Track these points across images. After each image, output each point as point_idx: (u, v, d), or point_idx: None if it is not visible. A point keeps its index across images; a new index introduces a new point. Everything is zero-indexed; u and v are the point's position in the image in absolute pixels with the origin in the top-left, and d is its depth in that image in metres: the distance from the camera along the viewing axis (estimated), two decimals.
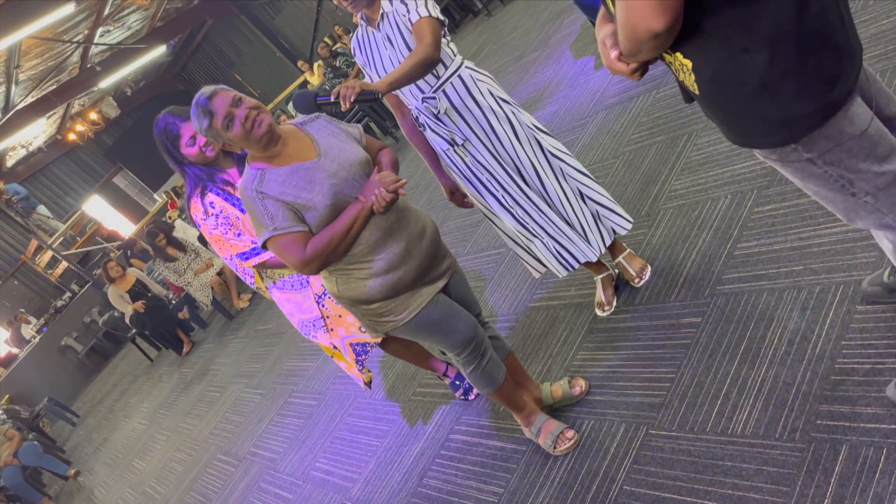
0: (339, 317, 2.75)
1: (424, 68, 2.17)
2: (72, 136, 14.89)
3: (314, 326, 2.79)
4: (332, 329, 2.78)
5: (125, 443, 6.88)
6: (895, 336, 1.83)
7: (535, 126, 2.48)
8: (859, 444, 1.68)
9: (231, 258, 2.66)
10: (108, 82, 12.43)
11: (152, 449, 6.03)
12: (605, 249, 2.60)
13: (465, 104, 2.37)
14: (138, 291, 7.76)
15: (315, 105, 2.05)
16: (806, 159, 1.32)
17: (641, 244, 2.90)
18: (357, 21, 2.44)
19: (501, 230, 2.65)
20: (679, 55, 1.28)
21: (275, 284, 2.78)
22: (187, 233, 8.15)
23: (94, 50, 11.61)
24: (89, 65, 11.74)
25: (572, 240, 2.53)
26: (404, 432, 3.19)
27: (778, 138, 1.30)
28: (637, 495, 2.03)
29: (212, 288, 7.41)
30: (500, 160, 2.43)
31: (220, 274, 7.44)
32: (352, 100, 1.96)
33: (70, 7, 7.87)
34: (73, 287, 12.13)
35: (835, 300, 2.03)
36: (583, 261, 2.57)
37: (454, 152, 2.45)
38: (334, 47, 10.54)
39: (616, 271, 2.82)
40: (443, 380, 3.11)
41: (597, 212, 2.56)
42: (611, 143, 3.76)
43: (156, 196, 16.70)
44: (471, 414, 2.91)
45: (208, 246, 7.75)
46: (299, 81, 12.00)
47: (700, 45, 1.24)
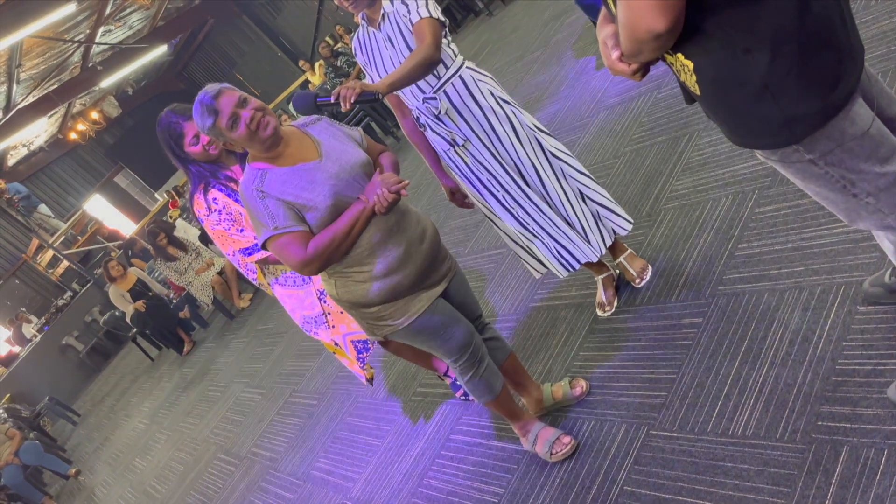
0: (341, 313, 2.75)
1: (425, 69, 2.17)
2: (73, 135, 14.90)
3: (315, 323, 2.80)
4: (334, 325, 2.79)
5: (126, 442, 6.88)
6: None
7: (535, 126, 2.48)
8: (860, 445, 1.68)
9: (234, 254, 2.67)
10: (109, 82, 12.44)
11: (153, 448, 6.04)
12: (606, 250, 2.60)
13: (466, 104, 2.37)
14: (139, 291, 7.76)
15: (315, 106, 2.04)
16: (807, 160, 1.32)
17: (642, 244, 2.90)
18: (358, 21, 2.44)
19: (502, 230, 2.65)
20: (680, 56, 1.28)
21: (277, 280, 2.78)
22: (188, 232, 8.16)
23: (95, 49, 11.61)
24: (90, 64, 11.74)
25: (573, 240, 2.53)
26: (405, 432, 3.19)
27: (779, 139, 1.30)
28: (638, 496, 2.03)
29: (213, 287, 7.41)
30: (500, 160, 2.43)
31: (220, 273, 7.44)
32: (352, 100, 1.95)
33: (71, 6, 7.88)
34: (74, 286, 12.13)
35: (836, 301, 2.03)
36: (583, 261, 2.57)
37: (455, 153, 2.45)
38: (335, 47, 10.54)
39: (617, 272, 2.82)
40: (443, 380, 3.11)
41: (597, 212, 2.56)
42: (612, 143, 3.76)
43: (157, 195, 16.70)
44: (471, 414, 2.91)
45: (209, 245, 7.76)
46: (300, 81, 12.00)
47: (701, 45, 1.23)
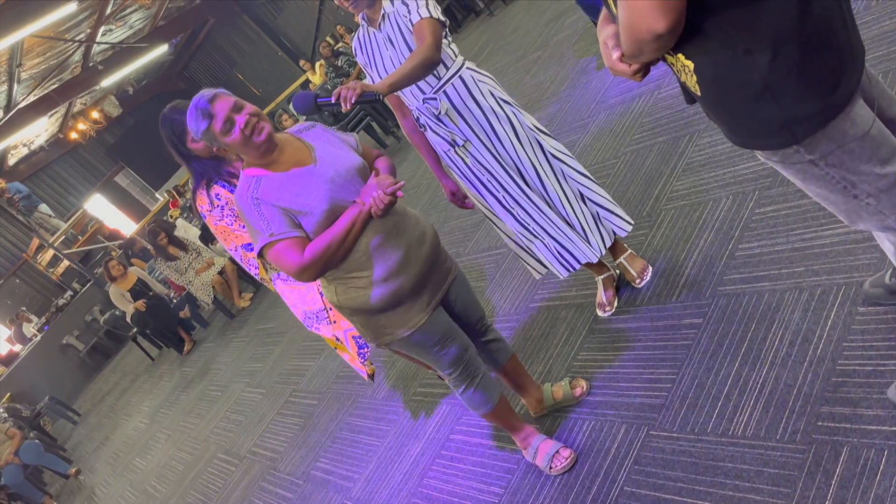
0: None
1: (425, 69, 2.17)
2: (73, 134, 14.90)
3: (317, 318, 2.80)
4: (335, 321, 2.79)
5: (126, 441, 6.88)
6: None
7: (536, 127, 2.47)
8: (860, 445, 1.68)
9: (236, 249, 2.67)
10: (109, 81, 12.44)
11: (153, 448, 6.04)
12: (606, 251, 2.60)
13: (466, 105, 2.37)
14: (139, 290, 7.76)
15: (315, 106, 2.01)
16: (808, 161, 1.32)
17: (643, 245, 2.90)
18: (358, 21, 2.44)
19: (502, 231, 2.65)
20: (681, 56, 1.28)
21: (279, 275, 2.79)
22: (188, 232, 8.16)
23: (96, 49, 11.62)
24: (91, 63, 11.74)
25: (573, 241, 2.53)
26: (405, 432, 3.19)
27: (780, 140, 1.30)
28: (637, 496, 2.03)
29: (213, 287, 7.41)
30: (500, 161, 2.43)
31: (221, 273, 7.44)
32: (352, 101, 1.94)
33: (72, 6, 7.88)
34: (75, 286, 12.13)
35: (836, 302, 2.03)
36: (583, 262, 2.57)
37: (455, 153, 2.44)
38: (336, 47, 10.55)
39: (617, 272, 2.82)
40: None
41: (597, 213, 2.55)
42: (612, 143, 3.76)
43: (157, 195, 16.71)
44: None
45: (209, 245, 7.76)
46: (301, 81, 12.00)
47: (702, 46, 1.23)
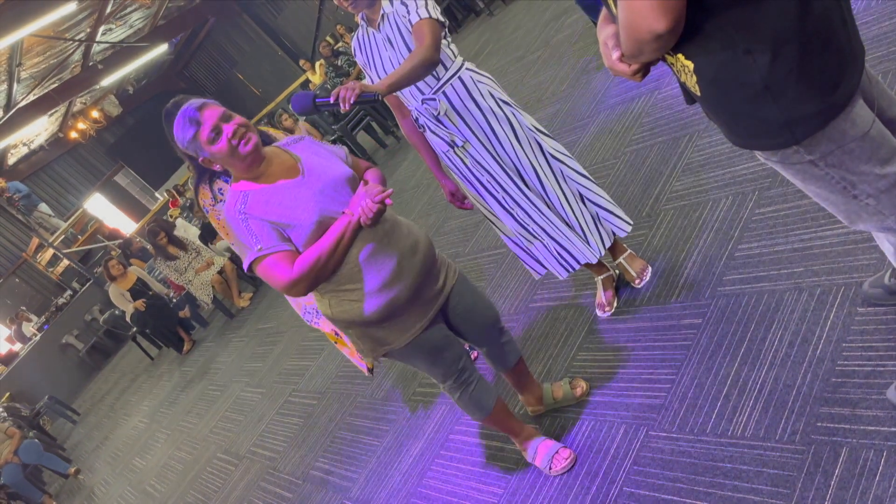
0: None
1: (424, 70, 2.16)
2: (73, 134, 14.90)
3: (317, 313, 2.79)
4: None
5: (125, 441, 6.88)
6: None
7: (535, 128, 2.47)
8: (859, 446, 1.68)
9: None
10: (109, 80, 12.44)
11: (152, 447, 6.04)
12: (605, 251, 2.60)
13: (466, 106, 2.37)
14: (139, 290, 7.76)
15: (314, 106, 1.98)
16: (807, 161, 1.32)
17: (642, 245, 2.90)
18: (358, 21, 2.44)
19: (501, 231, 2.65)
20: (681, 56, 1.28)
21: None
22: (188, 231, 8.16)
23: (95, 48, 11.61)
24: (91, 63, 11.74)
25: (572, 241, 2.52)
26: (404, 432, 3.19)
27: (780, 140, 1.30)
28: (637, 496, 2.02)
29: (213, 286, 7.41)
30: (500, 162, 2.43)
31: (220, 273, 7.44)
32: (351, 101, 1.91)
33: (72, 5, 7.88)
34: (75, 285, 12.13)
35: (836, 302, 2.03)
36: (583, 262, 2.57)
37: (454, 154, 2.44)
38: (336, 46, 10.55)
39: (617, 272, 2.82)
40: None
41: (597, 214, 2.55)
42: (612, 143, 3.76)
43: (157, 194, 16.71)
44: None
45: (209, 244, 7.76)
46: (301, 80, 12.00)
47: (702, 46, 1.23)
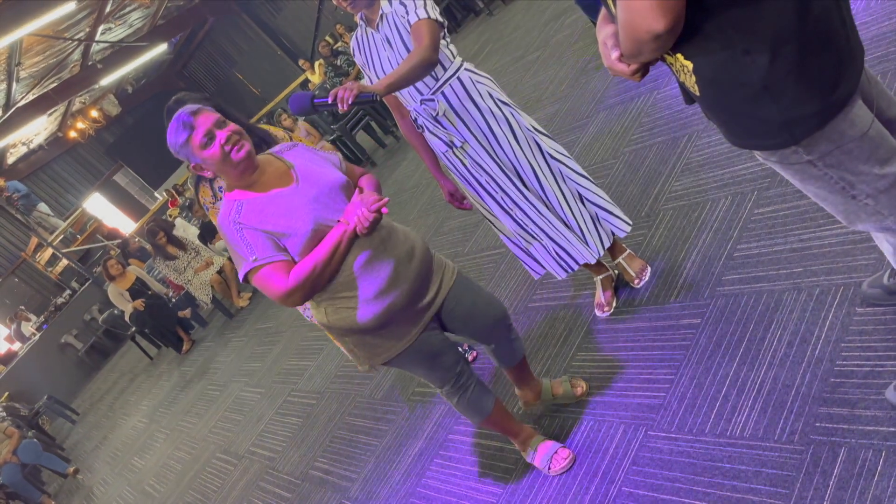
0: None
1: (422, 70, 2.15)
2: (73, 133, 14.90)
3: None
4: None
5: (124, 441, 6.88)
6: (895, 338, 1.83)
7: (534, 128, 2.47)
8: (858, 446, 1.68)
9: None
10: (109, 80, 12.43)
11: (151, 447, 6.03)
12: (604, 251, 2.60)
13: (464, 106, 2.37)
14: (138, 290, 7.76)
15: (312, 106, 1.97)
16: (806, 161, 1.32)
17: (641, 245, 2.90)
18: (357, 21, 2.44)
19: (500, 231, 2.65)
20: (680, 56, 1.28)
21: None
22: (187, 231, 8.16)
23: (95, 48, 11.61)
24: (90, 62, 11.74)
25: (571, 242, 2.52)
26: (403, 431, 3.19)
27: (778, 140, 1.30)
28: (635, 496, 2.03)
29: (212, 286, 7.41)
30: (498, 162, 2.43)
31: (220, 272, 7.44)
32: (349, 102, 1.90)
33: (71, 5, 7.88)
34: (74, 285, 12.13)
35: (834, 302, 2.03)
36: (581, 262, 2.57)
37: (453, 154, 2.44)
38: (335, 46, 10.55)
39: (616, 272, 2.82)
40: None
41: (596, 214, 2.55)
42: (611, 143, 3.76)
43: (156, 194, 16.71)
44: None
45: (208, 244, 7.76)
46: (300, 80, 12.00)
47: (701, 46, 1.23)
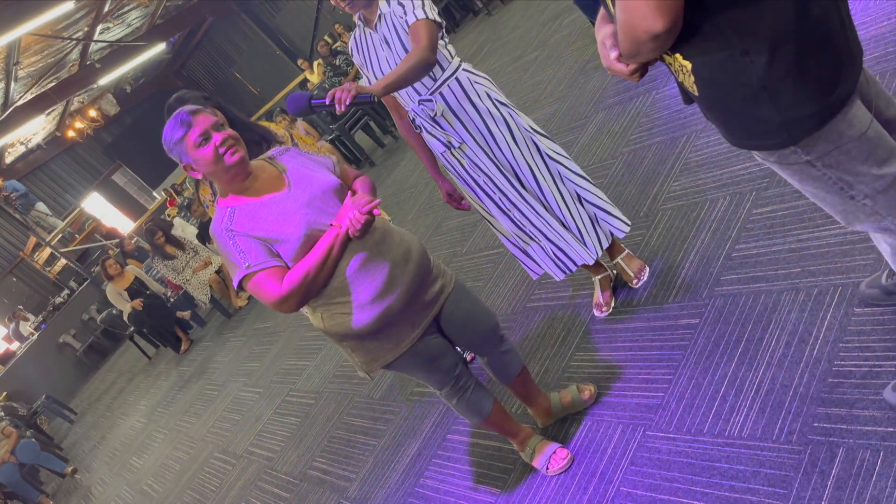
0: None
1: (420, 71, 2.15)
2: (71, 133, 14.88)
3: None
4: None
5: (123, 440, 6.87)
6: (893, 339, 1.83)
7: (532, 129, 2.47)
8: (856, 446, 1.68)
9: None
10: (107, 79, 12.42)
11: (150, 447, 6.03)
12: (603, 252, 2.60)
13: (463, 107, 2.36)
14: (137, 289, 7.76)
15: (310, 107, 1.96)
16: (805, 161, 1.32)
17: (640, 245, 2.90)
18: (356, 21, 2.43)
19: (499, 231, 2.65)
20: (679, 56, 1.28)
21: None
22: (186, 231, 8.16)
23: (93, 47, 11.60)
24: (89, 62, 11.72)
25: (569, 243, 2.52)
26: (402, 432, 3.19)
27: (777, 140, 1.30)
28: (634, 496, 2.03)
29: (210, 286, 7.41)
30: (496, 163, 2.42)
31: (218, 272, 7.43)
32: (347, 103, 1.89)
33: (70, 4, 7.87)
34: (72, 284, 12.13)
35: (832, 302, 2.03)
36: (580, 263, 2.57)
37: (451, 154, 2.44)
38: (334, 46, 10.53)
39: (614, 272, 2.82)
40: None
41: (594, 215, 2.55)
42: (610, 143, 3.76)
43: (155, 193, 16.70)
44: None
45: (207, 244, 7.75)
46: (299, 80, 11.99)
47: (700, 46, 1.23)
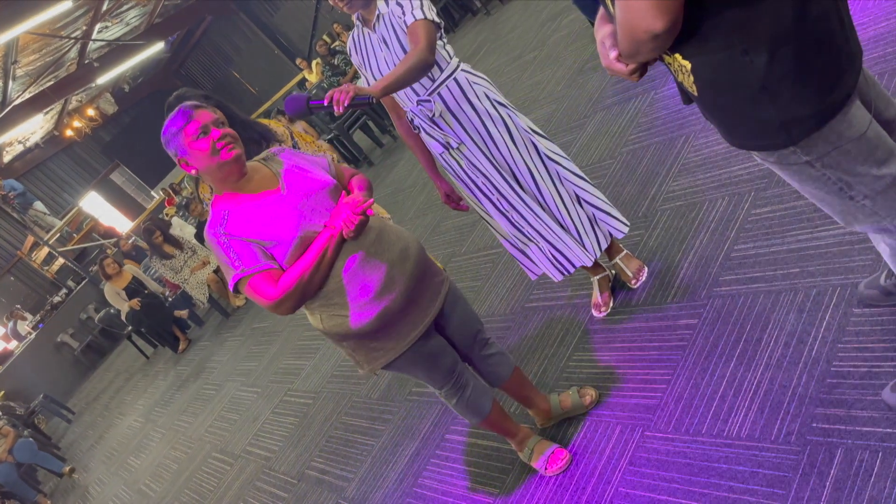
0: None
1: (419, 72, 2.14)
2: (69, 132, 14.86)
3: None
4: None
5: (120, 440, 6.86)
6: (891, 339, 1.83)
7: (531, 129, 2.46)
8: (855, 447, 1.68)
9: None
10: (105, 78, 12.40)
11: (147, 446, 6.02)
12: (602, 253, 2.59)
13: (461, 107, 2.36)
14: (134, 288, 7.75)
15: (308, 108, 1.95)
16: (804, 162, 1.32)
17: (638, 245, 2.90)
18: (354, 21, 2.43)
19: (497, 232, 2.64)
20: (678, 56, 1.28)
21: None
22: (184, 230, 8.15)
23: (91, 46, 11.59)
24: (87, 61, 11.72)
25: (568, 244, 2.52)
26: (400, 431, 3.19)
27: (776, 141, 1.29)
28: (632, 497, 2.02)
29: (208, 285, 7.40)
30: (495, 163, 2.42)
31: (216, 271, 7.43)
32: (345, 104, 1.89)
33: (68, 3, 7.86)
34: (70, 283, 12.12)
35: (831, 303, 2.03)
36: (578, 265, 2.57)
37: (449, 155, 2.43)
38: (333, 45, 10.52)
39: (613, 272, 2.82)
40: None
41: (593, 215, 2.55)
42: (608, 143, 3.76)
43: (153, 193, 16.68)
44: None
45: (205, 243, 7.74)
46: (297, 79, 11.99)
47: (700, 46, 1.23)
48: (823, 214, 2.26)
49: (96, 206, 16.13)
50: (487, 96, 2.39)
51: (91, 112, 15.09)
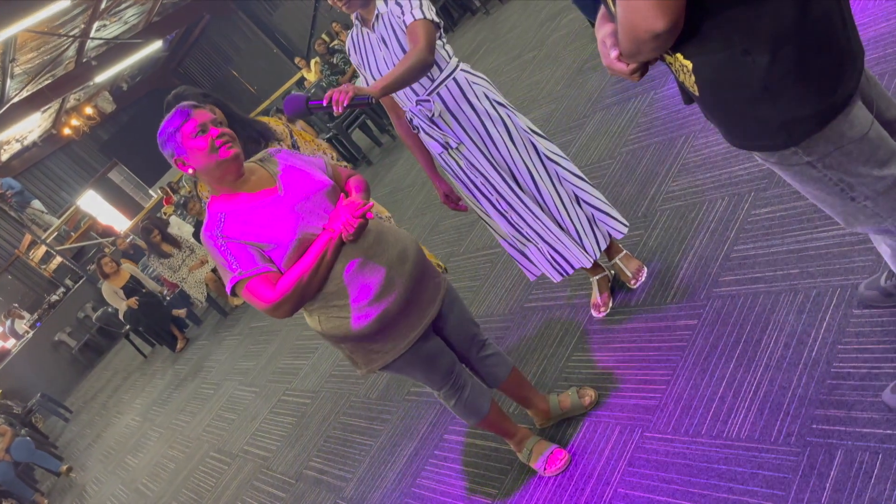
0: None
1: (418, 72, 2.13)
2: (67, 130, 14.84)
3: None
4: None
5: (118, 439, 6.85)
6: (891, 340, 1.82)
7: (530, 129, 2.46)
8: (855, 448, 1.68)
9: None
10: (103, 77, 12.39)
11: (145, 446, 6.01)
12: (601, 253, 2.59)
13: (460, 107, 2.35)
14: (132, 287, 7.74)
15: (307, 108, 1.95)
16: (805, 162, 1.31)
17: (638, 246, 2.89)
18: (353, 20, 2.42)
19: (496, 232, 2.64)
20: (679, 56, 1.27)
21: None
22: (182, 229, 8.14)
23: (90, 44, 11.56)
24: (85, 59, 11.69)
25: (567, 245, 2.51)
26: (398, 432, 3.18)
27: (778, 141, 1.29)
28: (631, 498, 2.02)
29: (206, 284, 7.39)
30: (494, 164, 2.41)
31: (214, 270, 7.41)
32: (344, 104, 1.88)
33: (66, 1, 7.84)
34: (67, 282, 12.10)
35: (831, 304, 2.03)
36: (577, 266, 2.56)
37: (448, 155, 2.42)
38: (332, 44, 10.51)
39: (612, 273, 2.82)
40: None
41: (592, 216, 2.54)
42: (608, 143, 3.75)
43: (151, 191, 16.65)
44: None
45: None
46: (296, 78, 11.98)
47: (701, 46, 1.23)
48: (824, 215, 2.26)
49: (94, 204, 16.11)
50: (487, 96, 2.38)
51: (89, 110, 15.07)
